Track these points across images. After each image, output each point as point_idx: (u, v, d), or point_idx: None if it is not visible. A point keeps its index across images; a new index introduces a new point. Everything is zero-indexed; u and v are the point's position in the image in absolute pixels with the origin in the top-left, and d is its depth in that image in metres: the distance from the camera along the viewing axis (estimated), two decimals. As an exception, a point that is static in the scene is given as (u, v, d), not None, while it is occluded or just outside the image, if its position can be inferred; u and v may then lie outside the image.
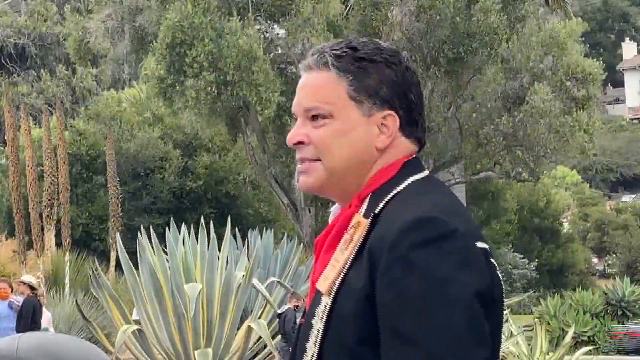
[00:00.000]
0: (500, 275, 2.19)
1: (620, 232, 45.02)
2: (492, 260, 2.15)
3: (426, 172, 2.28)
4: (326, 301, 2.16)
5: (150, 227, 17.60)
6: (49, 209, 24.52)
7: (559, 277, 40.79)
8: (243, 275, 16.55)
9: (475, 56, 22.84)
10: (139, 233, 16.74)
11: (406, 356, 2.01)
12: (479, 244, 2.11)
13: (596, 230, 47.23)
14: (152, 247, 16.58)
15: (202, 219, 18.01)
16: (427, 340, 1.99)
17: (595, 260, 47.73)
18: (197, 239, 17.12)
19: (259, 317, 17.11)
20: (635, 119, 76.12)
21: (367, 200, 2.23)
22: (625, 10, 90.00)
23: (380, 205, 2.19)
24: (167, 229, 17.35)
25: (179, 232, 17.10)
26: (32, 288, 15.83)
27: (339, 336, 2.12)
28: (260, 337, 16.16)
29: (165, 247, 16.87)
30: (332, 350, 2.14)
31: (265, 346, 16.66)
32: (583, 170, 65.57)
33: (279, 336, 16.80)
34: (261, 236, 20.31)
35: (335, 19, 23.53)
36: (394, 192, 2.20)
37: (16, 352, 1.80)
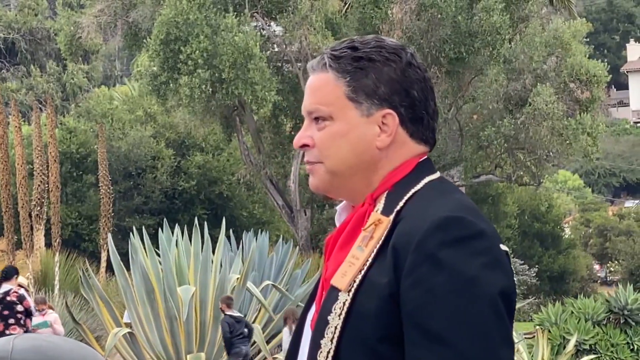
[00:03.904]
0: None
1: (622, 238, 44.99)
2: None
3: (439, 173, 2.29)
4: (345, 298, 2.14)
5: (143, 228, 17.66)
6: (38, 208, 24.45)
7: (559, 284, 40.86)
8: (237, 278, 16.58)
9: (477, 56, 22.88)
10: (131, 234, 16.72)
11: (435, 355, 2.01)
12: (502, 246, 2.13)
13: (598, 236, 47.19)
14: (145, 249, 16.49)
15: (195, 220, 17.89)
16: (457, 338, 2.01)
17: (596, 266, 47.70)
18: (190, 240, 17.04)
19: (254, 322, 17.02)
20: (639, 122, 75.75)
21: (382, 198, 2.23)
22: (630, 11, 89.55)
23: (401, 204, 2.18)
24: (159, 229, 17.32)
25: (172, 233, 17.00)
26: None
27: (359, 333, 2.12)
28: (254, 342, 16.04)
29: (158, 248, 16.75)
30: (351, 347, 2.13)
31: (259, 351, 16.53)
32: (585, 175, 65.47)
33: (274, 340, 16.98)
34: (256, 238, 20.18)
35: (334, 17, 23.56)
36: (413, 190, 2.20)
37: (11, 353, 1.72)
